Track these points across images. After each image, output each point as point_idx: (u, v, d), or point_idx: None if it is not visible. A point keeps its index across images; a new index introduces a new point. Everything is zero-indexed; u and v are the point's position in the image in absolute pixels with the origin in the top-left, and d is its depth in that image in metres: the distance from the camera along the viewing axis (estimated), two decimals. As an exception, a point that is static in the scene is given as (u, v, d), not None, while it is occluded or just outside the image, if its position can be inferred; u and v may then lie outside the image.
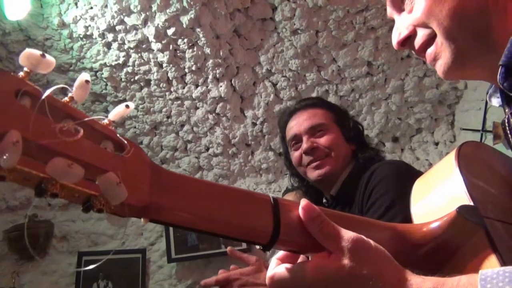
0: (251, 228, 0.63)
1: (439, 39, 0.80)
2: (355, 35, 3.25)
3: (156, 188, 0.54)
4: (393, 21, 0.93)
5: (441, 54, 0.81)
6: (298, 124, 1.70)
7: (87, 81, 0.47)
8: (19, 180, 0.42)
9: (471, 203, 0.75)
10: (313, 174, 1.64)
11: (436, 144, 3.67)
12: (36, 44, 3.13)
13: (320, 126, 1.66)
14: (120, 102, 3.44)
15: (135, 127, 3.53)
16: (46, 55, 0.44)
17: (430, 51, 0.83)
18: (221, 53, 3.24)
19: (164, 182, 0.56)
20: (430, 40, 0.82)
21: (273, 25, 3.22)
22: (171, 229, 3.30)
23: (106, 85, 3.37)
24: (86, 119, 0.45)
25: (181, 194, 0.57)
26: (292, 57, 3.30)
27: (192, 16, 3.00)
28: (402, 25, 0.87)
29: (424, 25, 0.82)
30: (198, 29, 3.10)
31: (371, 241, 0.65)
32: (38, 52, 0.43)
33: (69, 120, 0.44)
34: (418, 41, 0.84)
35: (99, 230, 3.42)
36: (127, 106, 0.51)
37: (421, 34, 0.83)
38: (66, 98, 0.45)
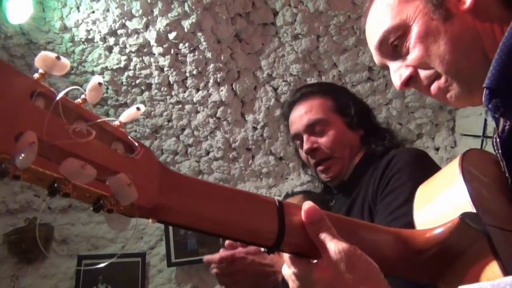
0: (257, 230, 0.64)
1: (444, 75, 0.82)
2: (356, 40, 3.26)
3: (165, 189, 0.55)
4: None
5: (449, 88, 0.83)
6: (296, 121, 1.62)
7: (100, 84, 0.48)
8: (32, 180, 0.42)
9: (474, 211, 0.75)
10: (321, 176, 1.59)
11: (437, 149, 3.67)
12: (38, 47, 3.14)
13: (317, 122, 1.56)
14: (121, 106, 3.44)
15: (136, 131, 3.53)
16: (61, 57, 0.44)
17: (436, 87, 0.84)
18: (222, 58, 3.25)
19: (172, 183, 0.57)
20: (435, 79, 0.84)
21: (274, 30, 3.24)
22: (171, 233, 3.30)
23: (107, 88, 3.37)
24: (98, 120, 0.46)
25: (189, 195, 0.58)
26: (293, 62, 3.31)
27: (194, 20, 3.01)
28: (399, 67, 0.88)
29: (425, 65, 0.84)
30: (199, 34, 3.11)
31: (363, 255, 0.65)
32: (53, 55, 0.44)
33: (81, 122, 0.44)
34: (422, 81, 0.86)
35: (99, 233, 3.41)
36: (138, 109, 0.52)
37: (424, 75, 0.85)
38: (79, 100, 0.46)
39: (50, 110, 0.41)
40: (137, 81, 3.33)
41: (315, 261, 0.67)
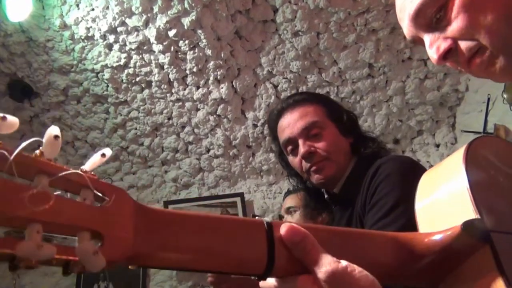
0: (245, 261, 0.59)
1: (490, 48, 0.77)
2: (356, 37, 3.24)
3: (141, 232, 0.51)
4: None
5: (494, 61, 0.78)
6: (290, 126, 1.57)
7: (56, 137, 0.43)
8: None
9: (475, 212, 0.69)
10: (313, 178, 1.54)
11: (437, 146, 3.66)
12: (38, 45, 3.14)
13: (314, 125, 1.53)
14: (121, 103, 3.45)
15: (136, 129, 3.54)
16: (7, 116, 0.41)
17: (479, 62, 0.79)
18: (222, 55, 3.24)
19: (149, 223, 0.52)
20: (477, 52, 0.78)
21: (274, 27, 3.21)
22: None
23: (107, 86, 3.37)
24: (60, 174, 0.43)
25: (168, 233, 0.54)
26: (293, 58, 3.29)
27: (194, 17, 2.99)
28: (436, 40, 0.82)
29: (468, 37, 0.78)
30: (199, 31, 3.09)
31: (356, 270, 0.60)
32: None
33: (43, 176, 0.41)
34: (464, 54, 0.80)
35: (100, 230, 3.43)
36: (103, 155, 0.48)
37: (465, 47, 0.79)
38: (37, 152, 0.42)
39: (4, 173, 0.37)
40: (137, 79, 3.33)
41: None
